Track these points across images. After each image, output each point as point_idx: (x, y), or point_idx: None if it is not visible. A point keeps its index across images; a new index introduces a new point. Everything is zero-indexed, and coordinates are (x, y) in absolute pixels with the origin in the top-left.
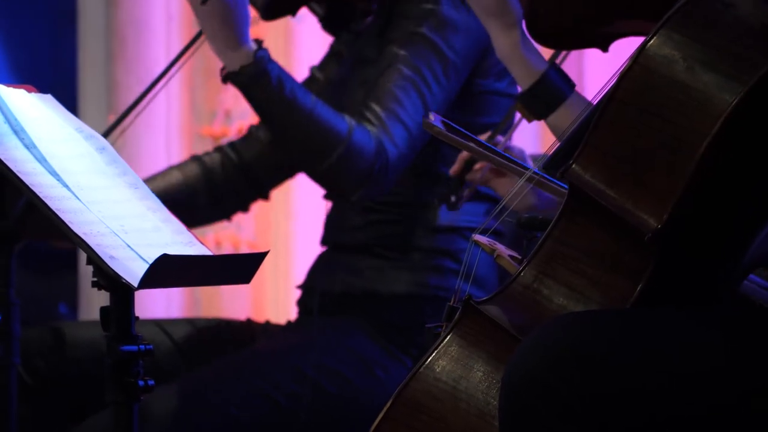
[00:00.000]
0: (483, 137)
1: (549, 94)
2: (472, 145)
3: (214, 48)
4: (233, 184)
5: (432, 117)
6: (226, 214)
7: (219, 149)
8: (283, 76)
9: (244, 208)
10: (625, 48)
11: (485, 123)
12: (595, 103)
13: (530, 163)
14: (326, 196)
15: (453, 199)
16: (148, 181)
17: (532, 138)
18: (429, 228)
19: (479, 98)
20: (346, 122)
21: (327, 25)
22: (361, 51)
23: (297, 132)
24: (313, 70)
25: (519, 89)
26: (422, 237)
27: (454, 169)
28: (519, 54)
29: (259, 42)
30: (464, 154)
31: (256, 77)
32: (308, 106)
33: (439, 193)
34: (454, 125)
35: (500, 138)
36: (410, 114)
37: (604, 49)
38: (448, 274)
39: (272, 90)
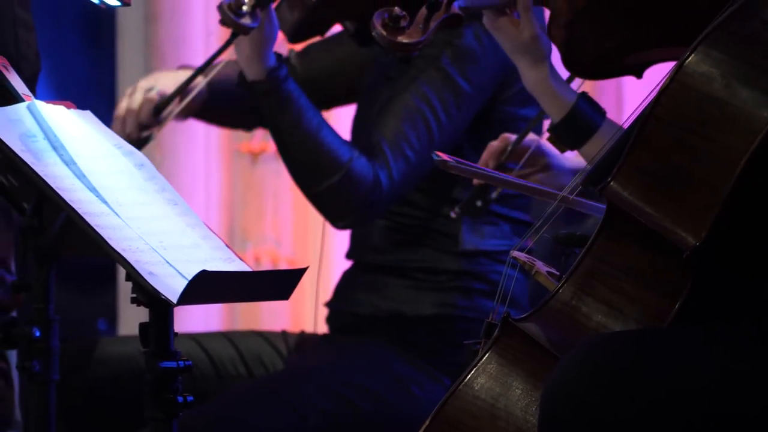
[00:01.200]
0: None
1: (580, 125)
2: (490, 174)
3: (237, 56)
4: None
5: (442, 156)
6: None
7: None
8: (295, 97)
9: (232, 123)
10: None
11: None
12: (632, 121)
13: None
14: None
15: (479, 203)
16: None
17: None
18: (453, 252)
19: (504, 125)
20: (348, 151)
21: (359, 40)
22: (389, 68)
23: (298, 152)
24: (291, 54)
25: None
26: (447, 261)
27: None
28: (549, 87)
29: (280, 57)
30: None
31: (266, 93)
32: (312, 130)
33: (460, 203)
34: (463, 161)
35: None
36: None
37: (639, 76)
38: (476, 294)
39: (279, 108)
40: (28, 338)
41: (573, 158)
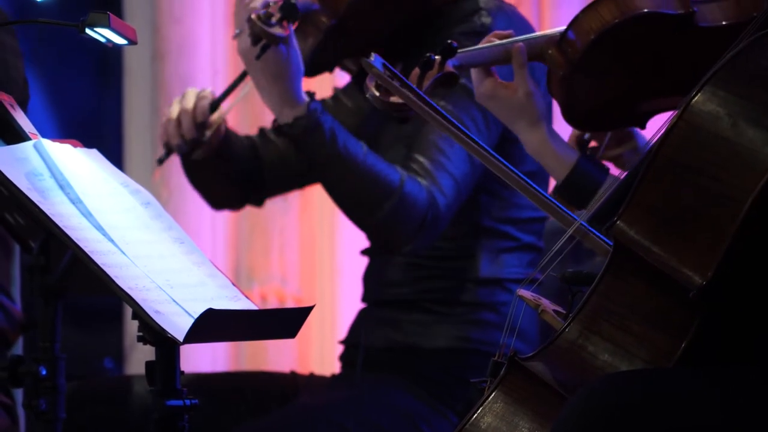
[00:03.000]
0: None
1: (584, 183)
2: (409, 95)
3: (266, 101)
4: (248, 173)
5: (372, 57)
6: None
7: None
8: (336, 129)
9: (238, 203)
10: None
11: (527, 171)
12: (639, 161)
13: None
14: (366, 251)
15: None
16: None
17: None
18: (472, 280)
19: (520, 147)
20: (398, 173)
21: (360, 80)
22: None
23: (350, 184)
24: (338, 92)
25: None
26: (465, 290)
27: None
28: (549, 148)
29: (311, 94)
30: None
31: (309, 130)
32: (360, 158)
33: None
34: (395, 70)
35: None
36: (455, 164)
37: (642, 126)
38: (489, 327)
39: (325, 142)
40: (34, 376)
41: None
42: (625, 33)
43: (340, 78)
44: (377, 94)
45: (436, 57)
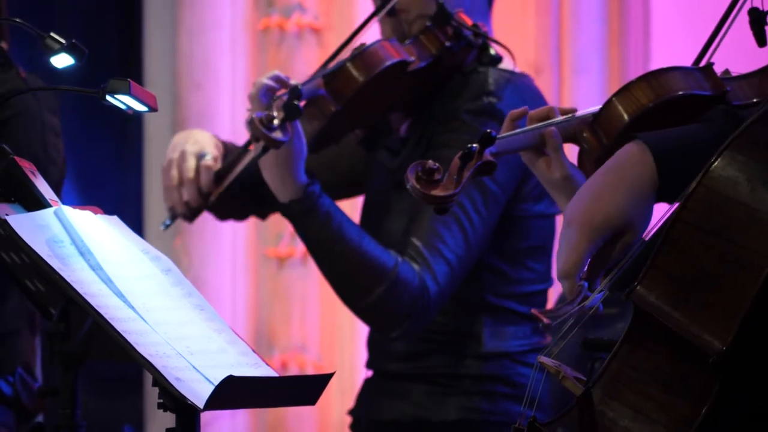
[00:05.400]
0: None
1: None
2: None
3: (266, 178)
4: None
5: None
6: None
7: None
8: (333, 211)
9: (242, 215)
10: None
11: (530, 246)
12: (658, 226)
13: None
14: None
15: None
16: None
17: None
18: (475, 356)
19: (522, 223)
20: (392, 257)
21: (367, 145)
22: (400, 174)
23: (342, 266)
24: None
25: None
26: (470, 365)
27: None
28: None
29: (311, 174)
30: None
31: (304, 212)
32: (354, 242)
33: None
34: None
35: None
36: (452, 249)
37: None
38: (500, 398)
39: (320, 225)
40: None
41: None
42: (659, 114)
43: None
44: (418, 186)
45: (476, 147)
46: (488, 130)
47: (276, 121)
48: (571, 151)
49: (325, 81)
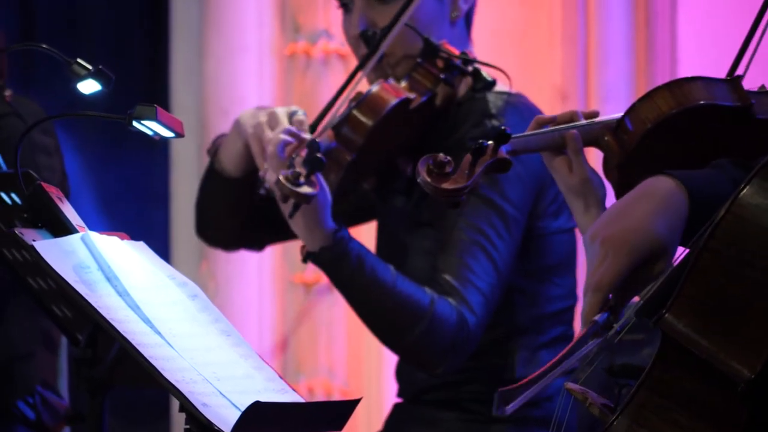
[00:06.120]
0: None
1: None
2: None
3: (295, 229)
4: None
5: None
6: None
7: None
8: (363, 254)
9: (260, 244)
10: None
11: (551, 264)
12: (686, 253)
13: None
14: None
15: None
16: None
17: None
18: (506, 381)
19: (542, 240)
20: (428, 295)
21: (379, 195)
22: (416, 213)
23: (380, 309)
24: None
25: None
26: None
27: None
28: None
29: (339, 221)
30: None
31: (336, 258)
32: (389, 283)
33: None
34: None
35: None
36: (482, 278)
37: None
38: (530, 423)
39: (353, 269)
40: None
41: None
42: (681, 123)
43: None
44: (429, 180)
45: (489, 143)
46: (503, 127)
47: (302, 178)
48: (595, 158)
49: (336, 131)
